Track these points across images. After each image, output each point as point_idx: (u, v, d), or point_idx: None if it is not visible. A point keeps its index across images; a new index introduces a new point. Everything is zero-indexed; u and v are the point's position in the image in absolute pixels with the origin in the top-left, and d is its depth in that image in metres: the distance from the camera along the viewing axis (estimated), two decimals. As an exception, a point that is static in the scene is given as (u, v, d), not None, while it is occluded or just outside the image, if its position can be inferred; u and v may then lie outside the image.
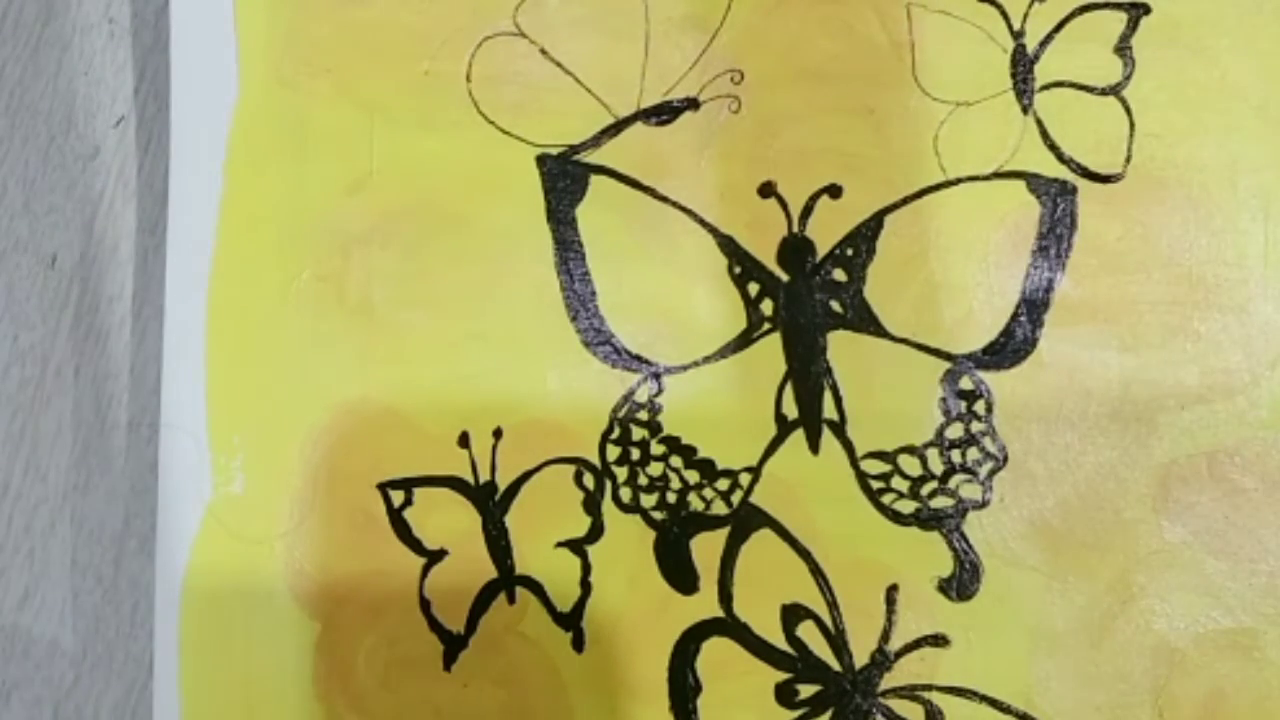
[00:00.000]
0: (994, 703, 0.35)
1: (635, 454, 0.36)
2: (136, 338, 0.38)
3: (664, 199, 0.37)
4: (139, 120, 0.39)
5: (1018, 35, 0.38)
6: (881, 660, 0.35)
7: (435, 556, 0.36)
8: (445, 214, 0.37)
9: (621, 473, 0.36)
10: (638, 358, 0.37)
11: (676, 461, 0.36)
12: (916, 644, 0.35)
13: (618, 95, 0.38)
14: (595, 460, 0.36)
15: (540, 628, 0.36)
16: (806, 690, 0.35)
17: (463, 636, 0.36)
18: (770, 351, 0.37)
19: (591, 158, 0.37)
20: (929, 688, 0.35)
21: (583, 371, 0.37)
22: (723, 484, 0.36)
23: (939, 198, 0.37)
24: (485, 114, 0.38)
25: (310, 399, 0.37)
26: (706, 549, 0.36)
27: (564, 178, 0.37)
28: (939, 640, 0.35)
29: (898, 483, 0.36)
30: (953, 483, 0.36)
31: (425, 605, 0.36)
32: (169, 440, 0.36)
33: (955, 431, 0.36)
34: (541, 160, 0.38)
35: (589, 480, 0.36)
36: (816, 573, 0.35)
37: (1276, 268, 0.36)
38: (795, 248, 0.37)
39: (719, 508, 0.36)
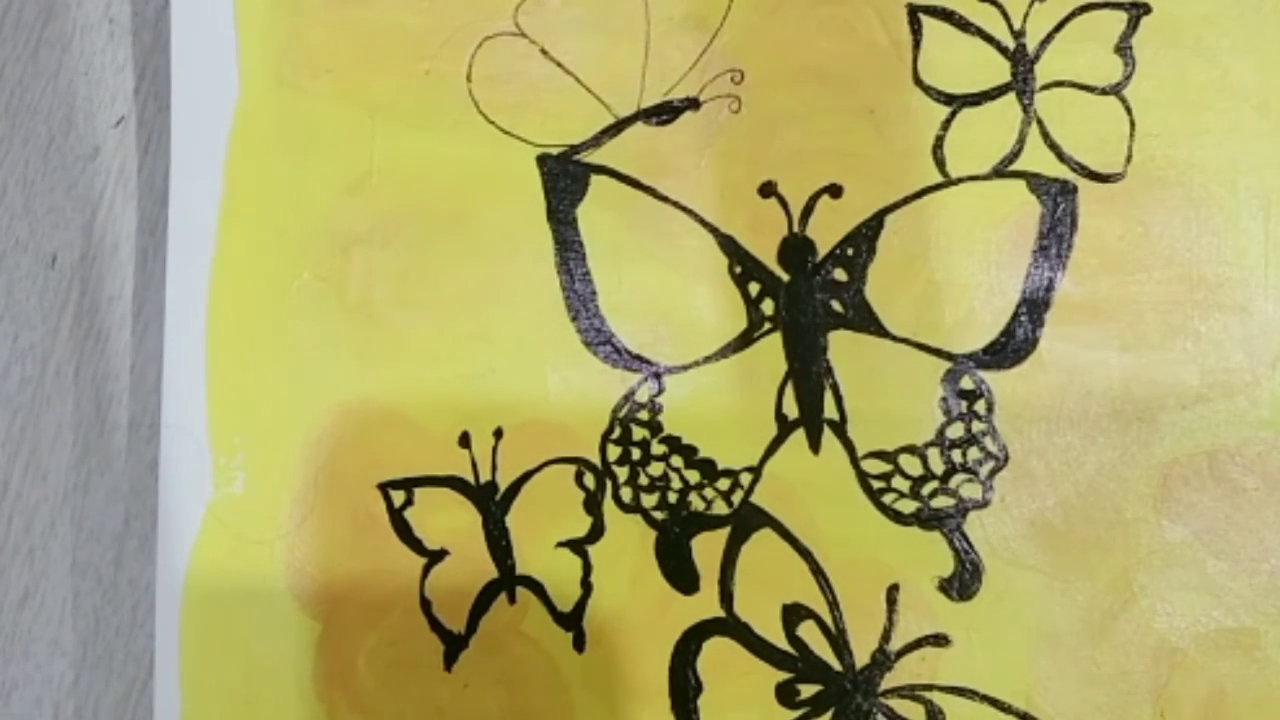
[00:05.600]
0: (995, 702, 0.35)
1: (636, 454, 0.36)
2: (136, 338, 0.38)
3: (664, 199, 0.37)
4: (139, 120, 0.39)
5: (1018, 35, 0.38)
6: (882, 660, 0.35)
7: (436, 556, 0.36)
8: (445, 214, 0.37)
9: (622, 472, 0.36)
10: (638, 357, 0.37)
11: (677, 461, 0.36)
12: (917, 644, 0.35)
13: (618, 95, 0.38)
14: (596, 460, 0.36)
15: (541, 628, 0.36)
16: (807, 690, 0.35)
17: (463, 636, 0.36)
18: (771, 351, 0.37)
19: (592, 157, 0.37)
20: (930, 688, 0.35)
21: (583, 371, 0.37)
22: (723, 484, 0.36)
23: (939, 198, 0.37)
24: (485, 114, 0.38)
25: (311, 399, 0.37)
26: (707, 549, 0.36)
27: (564, 177, 0.37)
28: (940, 640, 0.35)
29: (898, 482, 0.36)
30: (953, 482, 0.36)
31: (426, 605, 0.36)
32: (169, 440, 0.36)
33: (956, 431, 0.36)
34: (542, 160, 0.38)
35: (590, 480, 0.36)
36: (817, 572, 0.35)
37: (1277, 267, 0.36)
38: (796, 247, 0.37)
39: (720, 507, 0.36)
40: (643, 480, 0.36)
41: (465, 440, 0.36)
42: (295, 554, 0.36)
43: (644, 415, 0.36)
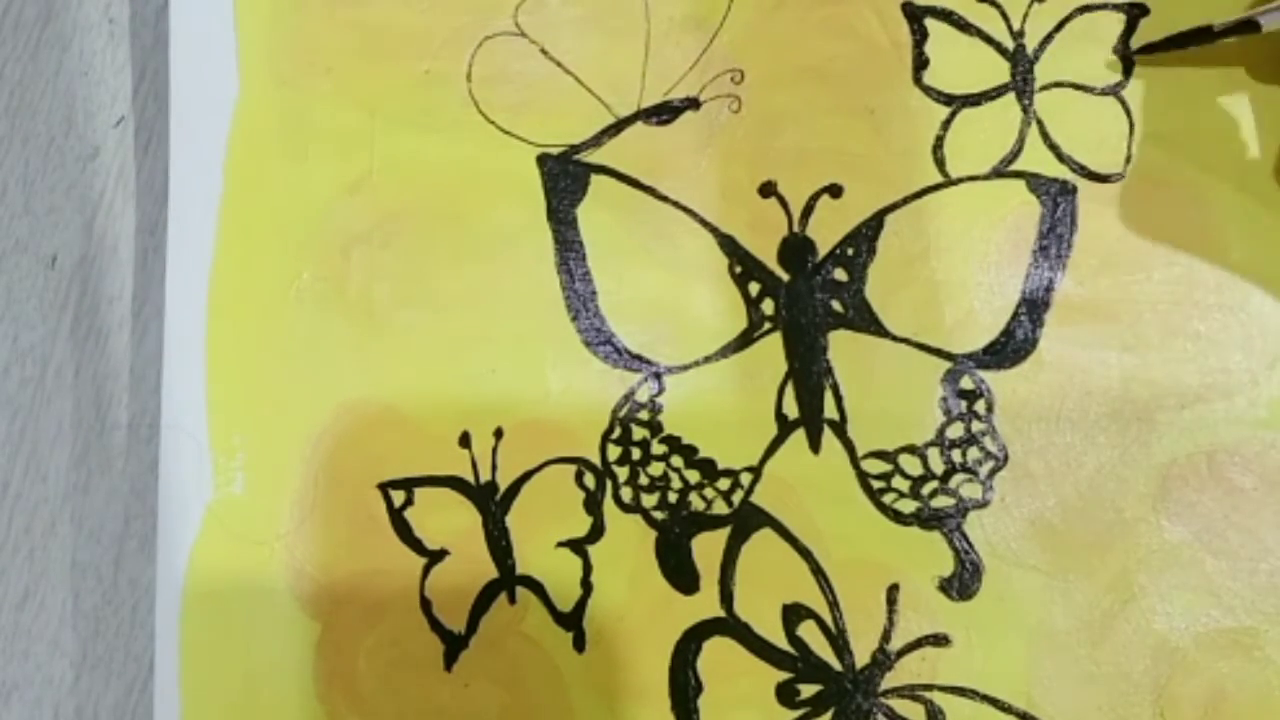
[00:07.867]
0: (995, 702, 0.35)
1: (636, 454, 0.36)
2: (136, 338, 0.38)
3: (665, 199, 0.37)
4: (139, 120, 0.39)
5: (1018, 35, 0.38)
6: (882, 660, 0.35)
7: (436, 556, 0.36)
8: (445, 214, 0.37)
9: (622, 472, 0.36)
10: (638, 357, 0.37)
11: (677, 461, 0.36)
12: (917, 643, 0.35)
13: (618, 95, 0.38)
14: (596, 460, 0.36)
15: (541, 628, 0.36)
16: (808, 690, 0.35)
17: (464, 636, 0.36)
18: (771, 351, 0.37)
19: (592, 157, 0.38)
20: (930, 687, 0.35)
21: (584, 371, 0.37)
22: (723, 484, 0.36)
23: (939, 198, 0.37)
24: (485, 114, 0.38)
25: (310, 399, 0.37)
26: (707, 549, 0.36)
27: (565, 177, 0.37)
28: (940, 640, 0.35)
29: (898, 482, 0.36)
30: (953, 482, 0.36)
31: (426, 605, 0.36)
32: (169, 440, 0.36)
33: (956, 431, 0.36)
34: (542, 160, 0.38)
35: (590, 480, 0.36)
36: (817, 572, 0.35)
37: (1275, 267, 0.36)
38: (796, 247, 0.37)
39: (720, 507, 0.36)
40: (643, 480, 0.36)
41: (465, 440, 0.36)
42: (295, 554, 0.36)
43: (644, 415, 0.36)
